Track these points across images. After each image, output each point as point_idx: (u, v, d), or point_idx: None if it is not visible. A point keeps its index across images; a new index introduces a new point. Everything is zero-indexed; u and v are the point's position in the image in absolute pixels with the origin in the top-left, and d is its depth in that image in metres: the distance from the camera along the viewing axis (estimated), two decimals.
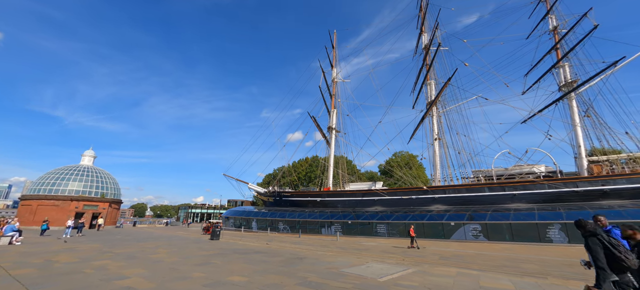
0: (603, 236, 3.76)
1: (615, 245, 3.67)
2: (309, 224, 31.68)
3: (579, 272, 10.50)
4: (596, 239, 3.77)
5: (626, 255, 3.61)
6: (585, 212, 20.24)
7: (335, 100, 46.78)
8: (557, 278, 8.48)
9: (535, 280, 8.02)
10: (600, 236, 3.77)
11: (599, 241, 3.74)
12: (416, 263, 10.84)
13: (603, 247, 3.69)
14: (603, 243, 3.71)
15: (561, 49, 31.11)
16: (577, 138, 27.20)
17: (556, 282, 7.88)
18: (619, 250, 3.63)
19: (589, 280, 4.40)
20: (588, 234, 3.93)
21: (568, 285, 7.52)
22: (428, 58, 38.29)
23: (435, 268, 9.52)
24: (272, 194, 42.55)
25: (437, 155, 32.85)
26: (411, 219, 26.12)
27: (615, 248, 3.65)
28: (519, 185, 25.40)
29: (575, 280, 8.19)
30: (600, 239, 3.75)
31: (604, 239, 3.74)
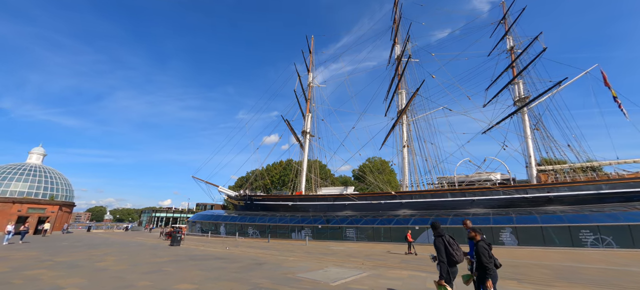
0: (445, 237, 4.69)
1: (451, 244, 4.65)
2: (279, 228, 31.23)
3: (514, 272, 11.39)
4: (441, 239, 4.67)
5: (456, 251, 4.62)
6: (533, 216, 22.13)
7: (311, 105, 47.00)
8: (502, 279, 9.11)
9: None
10: (443, 237, 4.68)
11: (442, 241, 4.62)
12: (375, 267, 11.10)
13: (445, 246, 4.58)
14: (444, 242, 4.59)
15: (516, 67, 34.03)
16: (528, 149, 29.78)
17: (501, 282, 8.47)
18: (452, 248, 4.61)
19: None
20: (436, 235, 4.82)
21: (501, 285, 8.11)
22: (400, 68, 39.90)
23: (389, 271, 9.82)
24: (242, 198, 41.43)
25: (406, 161, 34.16)
26: (379, 223, 26.79)
27: (451, 246, 4.64)
28: (478, 192, 27.18)
29: (507, 280, 8.87)
30: (443, 239, 4.65)
31: (445, 239, 4.64)
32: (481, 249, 4.67)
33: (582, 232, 20.11)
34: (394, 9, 46.42)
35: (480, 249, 4.68)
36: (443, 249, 4.58)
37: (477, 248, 4.74)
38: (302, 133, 44.53)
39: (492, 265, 4.59)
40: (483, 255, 4.59)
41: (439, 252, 4.59)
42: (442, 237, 4.72)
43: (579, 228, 20.27)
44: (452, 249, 4.62)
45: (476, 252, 4.74)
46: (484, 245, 4.69)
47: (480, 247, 4.69)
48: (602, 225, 19.80)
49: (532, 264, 14.34)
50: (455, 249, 4.64)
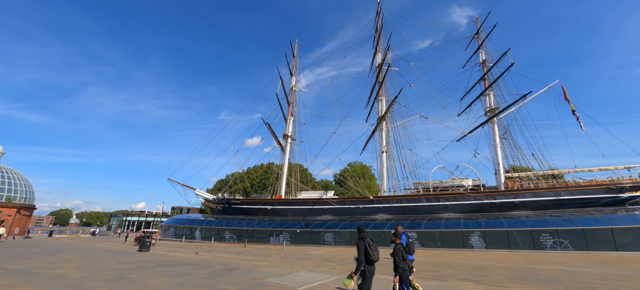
0: (366, 239, 5.38)
1: (370, 246, 5.35)
2: (257, 233, 30.75)
3: (478, 274, 11.98)
4: (362, 241, 5.36)
5: (373, 252, 5.33)
6: (500, 221, 23.41)
7: (293, 109, 46.98)
8: (458, 280, 9.58)
9: (438, 283, 8.96)
10: (365, 239, 5.37)
11: (363, 243, 5.32)
12: (346, 271, 11.26)
13: (365, 247, 5.29)
14: (365, 244, 5.30)
15: (488, 79, 36.10)
16: (497, 157, 31.55)
17: (454, 284, 8.90)
18: (370, 249, 5.31)
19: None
20: (359, 237, 5.49)
21: (460, 286, 8.54)
22: (380, 76, 40.98)
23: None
24: (220, 201, 40.42)
25: (384, 167, 34.97)
26: (356, 228, 27.12)
27: (369, 247, 5.32)
28: (451, 197, 28.35)
29: (467, 281, 9.33)
30: (364, 241, 5.34)
31: (366, 242, 5.35)
32: (396, 251, 5.53)
33: (543, 235, 21.54)
34: (376, 19, 47.72)
35: (395, 251, 5.53)
36: (363, 249, 5.28)
37: (393, 250, 5.57)
38: (284, 136, 44.35)
39: (406, 266, 5.48)
40: (397, 256, 5.50)
41: (359, 251, 5.31)
42: (364, 239, 5.41)
43: (540, 232, 21.69)
44: (371, 250, 5.34)
45: (392, 253, 5.61)
46: (399, 249, 5.53)
47: (396, 250, 5.53)
48: (560, 229, 21.32)
49: (496, 266, 15.13)
50: (373, 250, 5.37)
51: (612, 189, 25.55)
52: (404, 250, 5.58)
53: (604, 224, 20.73)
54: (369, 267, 5.29)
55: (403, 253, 5.53)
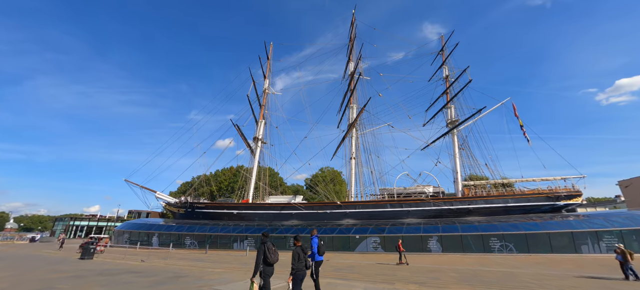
0: (267, 244, 5.81)
1: (269, 249, 5.77)
2: (220, 238, 29.54)
3: (426, 277, 12.61)
4: (263, 245, 5.79)
5: (272, 254, 5.76)
6: (455, 226, 24.96)
7: (265, 112, 46.31)
8: (405, 283, 10.00)
9: (386, 285, 9.28)
10: (265, 244, 5.80)
11: (263, 247, 5.75)
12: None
13: (264, 250, 5.71)
14: (265, 248, 5.74)
15: (449, 93, 38.67)
16: (456, 166, 33.77)
17: (399, 286, 9.27)
18: (269, 252, 5.74)
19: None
20: (261, 242, 5.91)
21: (402, 289, 8.91)
22: (352, 84, 42.02)
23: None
24: (182, 205, 38.31)
25: (353, 173, 35.69)
26: (322, 232, 27.24)
27: (269, 251, 5.74)
28: (413, 203, 29.69)
29: (414, 284, 9.79)
30: (264, 245, 5.78)
31: (266, 246, 5.78)
32: (293, 253, 6.01)
33: (492, 239, 23.33)
34: (351, 28, 49.06)
35: (293, 253, 6.02)
36: (261, 253, 5.70)
37: (292, 252, 6.08)
38: (254, 139, 43.45)
39: (302, 266, 5.94)
40: (293, 258, 5.97)
41: (258, 254, 5.73)
42: (264, 244, 5.84)
43: (489, 236, 23.48)
44: (269, 253, 5.77)
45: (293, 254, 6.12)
46: (296, 251, 6.03)
47: (293, 252, 6.02)
48: (506, 233, 23.27)
49: (448, 268, 16.05)
50: (272, 253, 5.83)
51: (551, 197, 28.54)
52: (301, 252, 6.04)
53: (542, 229, 23.02)
54: (267, 268, 5.73)
55: (299, 255, 5.96)
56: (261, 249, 5.70)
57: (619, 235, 21.82)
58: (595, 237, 22.01)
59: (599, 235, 21.95)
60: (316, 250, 7.12)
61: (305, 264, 5.98)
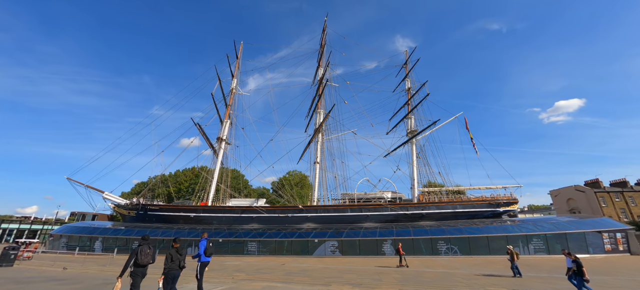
0: (142, 246, 6.17)
1: (141, 251, 6.17)
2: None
3: (371, 278, 13.19)
4: (137, 248, 6.15)
5: (143, 257, 6.17)
6: (408, 230, 26.40)
7: (231, 111, 45.05)
8: (340, 284, 10.40)
9: (321, 287, 9.57)
10: (141, 246, 6.14)
11: (136, 249, 6.12)
12: (248, 279, 11.08)
13: (136, 253, 6.09)
14: (137, 250, 6.11)
15: (411, 105, 41.07)
16: (413, 173, 35.84)
17: (335, 288, 9.63)
18: (141, 253, 6.14)
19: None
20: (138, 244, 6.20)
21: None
22: (320, 89, 42.69)
23: (247, 284, 10.00)
24: (134, 207, 35.56)
25: (317, 177, 36.10)
26: (282, 236, 27.10)
27: (141, 252, 6.15)
28: (372, 208, 30.85)
29: (348, 285, 10.23)
30: (139, 248, 6.15)
31: (140, 248, 6.15)
32: (166, 254, 6.44)
33: (439, 242, 25.05)
34: (322, 35, 49.96)
35: (166, 254, 6.44)
36: (134, 254, 6.06)
37: (166, 253, 6.51)
38: (218, 140, 41.97)
39: (174, 266, 6.41)
40: (166, 259, 6.38)
41: (130, 255, 6.08)
42: (140, 246, 6.20)
43: (438, 239, 25.20)
44: (141, 254, 6.15)
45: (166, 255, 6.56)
46: (169, 253, 6.50)
47: (167, 253, 6.45)
48: (452, 237, 25.16)
49: (395, 270, 16.93)
50: (144, 255, 6.19)
51: (492, 204, 31.52)
52: (175, 253, 6.57)
53: (483, 233, 25.29)
54: (137, 269, 6.05)
55: (173, 256, 6.48)
56: (134, 251, 6.08)
57: (544, 238, 24.77)
58: (526, 240, 24.74)
59: (528, 238, 24.70)
60: (202, 252, 7.69)
61: (179, 264, 6.47)
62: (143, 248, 6.13)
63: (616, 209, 40.02)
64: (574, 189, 43.63)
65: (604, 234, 25.08)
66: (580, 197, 42.41)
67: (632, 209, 40.18)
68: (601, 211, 39.42)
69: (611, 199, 40.45)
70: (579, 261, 8.98)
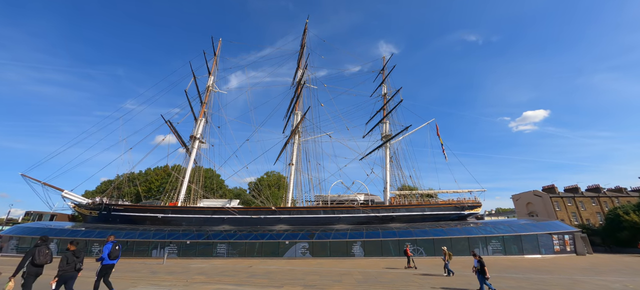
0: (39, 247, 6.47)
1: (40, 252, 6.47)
2: (137, 245, 26.67)
3: (329, 279, 13.46)
4: (33, 249, 6.42)
5: (41, 257, 6.41)
6: (377, 232, 27.12)
7: (206, 109, 43.90)
8: (295, 285, 10.57)
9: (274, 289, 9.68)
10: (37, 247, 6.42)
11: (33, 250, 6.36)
12: (187, 284, 10.83)
13: (33, 253, 6.32)
14: (34, 251, 6.33)
15: (386, 110, 42.23)
16: (386, 176, 36.86)
17: (288, 289, 9.77)
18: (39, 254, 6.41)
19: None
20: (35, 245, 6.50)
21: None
22: (299, 91, 42.76)
23: (199, 286, 9.89)
24: (96, 207, 33.59)
25: (291, 178, 36.07)
26: (253, 238, 26.81)
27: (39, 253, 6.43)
28: (344, 210, 31.35)
29: (299, 286, 10.42)
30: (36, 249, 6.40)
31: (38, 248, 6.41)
32: (62, 257, 6.70)
33: (406, 244, 25.92)
34: (303, 36, 50.08)
35: (61, 257, 6.71)
36: (30, 254, 6.29)
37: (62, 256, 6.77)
38: (191, 138, 40.73)
39: (69, 269, 6.63)
40: (60, 261, 6.62)
41: (25, 256, 6.30)
42: (37, 246, 6.45)
43: (405, 241, 26.08)
44: (39, 254, 6.39)
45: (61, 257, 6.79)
46: (64, 255, 6.75)
47: (62, 256, 6.72)
48: (418, 238, 26.18)
49: (359, 271, 17.33)
50: (42, 255, 6.46)
51: (458, 207, 33.16)
52: (71, 256, 6.78)
53: (447, 235, 26.54)
54: (31, 269, 6.25)
55: (68, 258, 6.72)
56: (31, 251, 6.29)
57: (501, 240, 26.45)
58: (485, 241, 26.29)
59: (487, 240, 26.27)
60: (106, 255, 7.85)
61: (75, 266, 6.71)
62: (41, 248, 6.32)
63: (568, 212, 43.55)
64: (532, 194, 46.95)
65: (553, 236, 27.21)
66: (537, 201, 45.70)
67: (582, 213, 43.92)
68: (555, 215, 42.72)
69: (564, 204, 43.97)
70: (482, 261, 10.13)
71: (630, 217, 31.99)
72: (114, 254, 7.98)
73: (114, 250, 7.99)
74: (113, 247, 8.03)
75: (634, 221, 31.55)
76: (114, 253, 7.99)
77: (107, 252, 7.87)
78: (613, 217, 34.86)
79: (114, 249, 8.01)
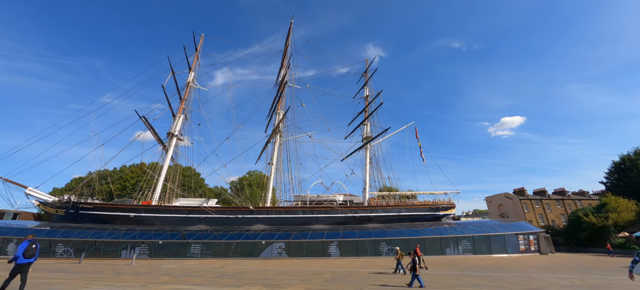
0: None
1: None
2: (105, 245, 25.59)
3: (298, 278, 13.55)
4: None
5: None
6: (353, 232, 27.53)
7: (186, 106, 42.81)
8: (250, 285, 10.59)
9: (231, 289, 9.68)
10: None
11: None
12: (144, 285, 10.60)
13: None
14: None
15: (367, 112, 42.91)
16: (366, 177, 37.47)
17: (246, 288, 9.80)
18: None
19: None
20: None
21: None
22: (281, 90, 42.59)
23: (155, 287, 9.73)
24: (63, 205, 31.93)
25: (271, 178, 35.89)
26: (229, 238, 26.46)
27: None
28: (323, 210, 31.58)
29: (258, 286, 10.46)
30: None
31: None
32: None
33: (381, 244, 26.52)
34: (287, 36, 49.90)
35: None
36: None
37: None
38: (168, 135, 39.58)
39: None
40: None
41: None
42: None
43: (380, 241, 26.66)
44: None
45: None
46: None
47: None
48: (393, 239, 26.80)
49: (330, 271, 17.55)
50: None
51: (433, 208, 34.24)
52: None
53: (420, 235, 27.34)
54: None
55: None
56: None
57: (471, 240, 27.57)
58: (456, 241, 27.30)
59: (458, 240, 27.30)
60: (20, 254, 7.73)
61: None
62: None
63: (536, 214, 46.06)
64: (504, 197, 49.26)
65: (519, 236, 28.68)
66: (508, 203, 48.02)
67: (548, 215, 46.58)
68: (524, 216, 45.04)
69: (532, 206, 46.47)
70: (414, 259, 11.40)
71: (589, 218, 34.29)
72: (29, 253, 7.76)
73: (30, 248, 7.81)
74: (29, 245, 7.85)
75: (592, 222, 33.86)
76: (30, 252, 7.78)
77: (21, 250, 7.70)
78: (574, 218, 37.22)
79: (30, 248, 7.83)
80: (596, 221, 33.56)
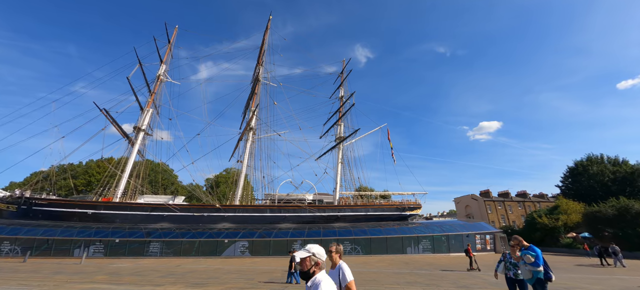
0: None
1: None
2: (57, 243, 24.40)
3: (236, 278, 13.64)
4: None
5: None
6: (318, 231, 27.91)
7: (156, 100, 41.44)
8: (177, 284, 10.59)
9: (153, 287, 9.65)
10: None
11: None
12: (57, 284, 10.36)
13: None
14: None
15: (341, 112, 43.41)
16: (337, 176, 37.96)
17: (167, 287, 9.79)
18: None
19: None
20: None
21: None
22: (256, 88, 42.19)
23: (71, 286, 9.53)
24: (15, 201, 30.03)
25: (242, 176, 35.55)
26: (191, 236, 26.02)
27: None
28: (291, 209, 31.71)
29: (182, 284, 10.46)
30: None
31: None
32: None
33: (345, 243, 27.02)
34: (264, 33, 49.35)
35: None
36: None
37: None
38: (135, 129, 38.16)
39: None
40: None
41: None
42: None
43: (344, 240, 27.16)
44: None
45: None
46: None
47: None
48: (357, 237, 27.42)
49: (283, 270, 17.71)
50: None
51: (400, 208, 35.28)
52: None
53: (383, 234, 28.17)
54: None
55: None
56: None
57: (431, 239, 28.69)
58: (417, 240, 28.32)
59: (418, 239, 28.33)
60: None
61: None
62: None
63: (498, 215, 48.61)
64: (470, 198, 51.59)
65: (477, 236, 30.17)
66: (474, 204, 50.34)
67: (510, 216, 49.28)
68: (487, 217, 47.40)
69: (495, 207, 48.99)
70: (293, 257, 11.27)
71: (542, 219, 36.63)
72: None
73: None
74: None
75: (545, 223, 36.21)
76: None
77: None
78: (530, 219, 39.61)
79: None
80: (548, 222, 35.91)
